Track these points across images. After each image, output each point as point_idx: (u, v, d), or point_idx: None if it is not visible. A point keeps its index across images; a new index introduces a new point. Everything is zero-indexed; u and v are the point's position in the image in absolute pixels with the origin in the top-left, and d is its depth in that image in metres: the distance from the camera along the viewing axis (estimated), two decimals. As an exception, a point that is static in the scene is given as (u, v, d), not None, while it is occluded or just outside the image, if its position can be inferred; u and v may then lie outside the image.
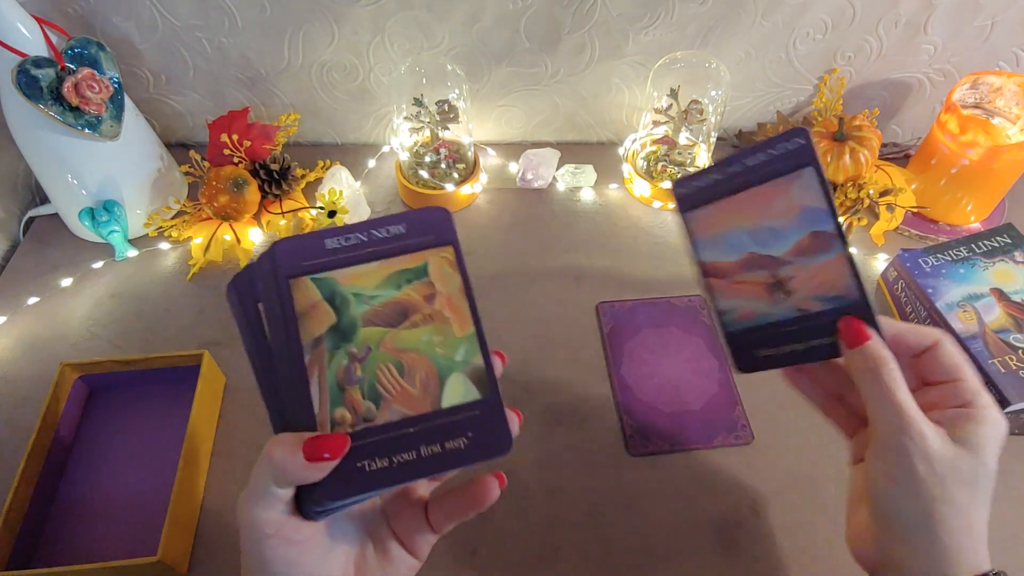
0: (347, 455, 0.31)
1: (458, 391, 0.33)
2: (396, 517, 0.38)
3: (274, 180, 0.71)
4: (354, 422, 0.32)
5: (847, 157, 0.70)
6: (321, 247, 0.34)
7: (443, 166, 0.75)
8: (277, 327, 0.34)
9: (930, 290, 0.61)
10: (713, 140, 0.75)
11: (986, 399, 0.38)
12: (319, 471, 0.30)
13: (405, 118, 0.72)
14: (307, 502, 0.32)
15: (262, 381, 0.36)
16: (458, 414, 0.33)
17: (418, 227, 0.35)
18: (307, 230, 0.72)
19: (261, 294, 0.35)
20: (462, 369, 0.34)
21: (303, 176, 0.76)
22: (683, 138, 0.76)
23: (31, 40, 0.58)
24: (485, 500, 0.35)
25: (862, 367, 0.37)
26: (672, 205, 0.76)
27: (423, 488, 0.39)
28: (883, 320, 0.38)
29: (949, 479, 0.36)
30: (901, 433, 0.36)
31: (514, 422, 0.33)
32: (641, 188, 0.77)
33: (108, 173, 0.67)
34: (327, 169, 0.77)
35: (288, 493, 0.31)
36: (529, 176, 0.78)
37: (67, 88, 0.59)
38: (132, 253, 0.70)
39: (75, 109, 0.61)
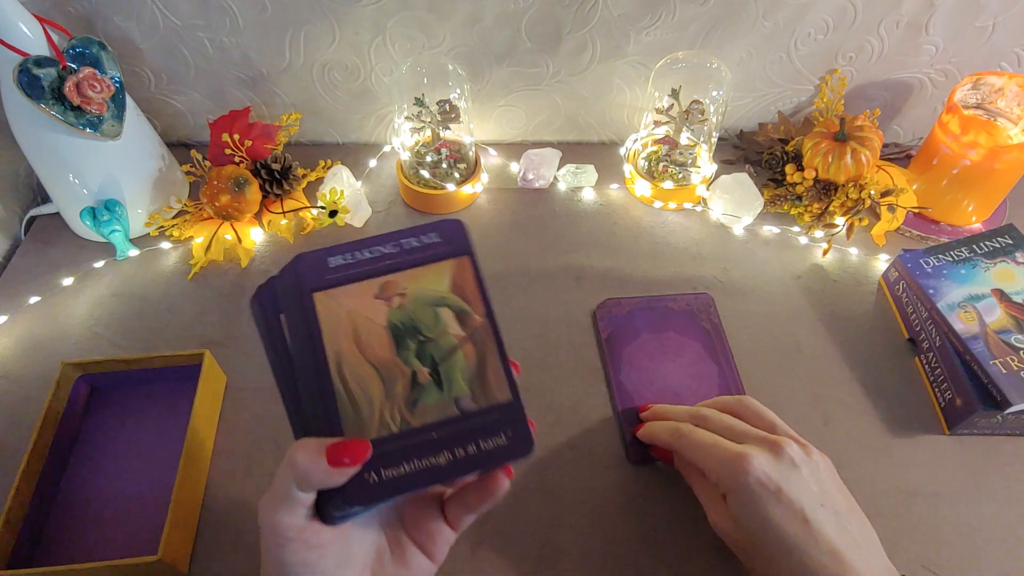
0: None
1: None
2: (413, 519, 0.38)
3: (275, 180, 0.71)
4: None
5: (848, 157, 0.69)
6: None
7: (444, 166, 0.75)
8: (301, 338, 0.34)
9: (931, 291, 0.61)
10: (714, 140, 0.75)
11: (715, 478, 0.46)
12: (341, 476, 0.31)
13: (406, 118, 0.72)
14: (328, 506, 0.32)
15: (284, 391, 0.36)
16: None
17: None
18: (308, 230, 0.72)
19: (283, 306, 0.36)
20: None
21: (304, 176, 0.76)
22: (684, 138, 0.76)
23: (32, 39, 0.58)
24: (498, 491, 0.36)
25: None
26: (672, 205, 0.76)
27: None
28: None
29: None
30: (743, 473, 0.43)
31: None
32: (642, 188, 0.77)
33: (109, 172, 0.67)
34: (328, 169, 0.77)
35: (310, 497, 0.32)
36: (530, 176, 0.78)
37: (68, 87, 0.60)
38: (133, 252, 0.70)
39: (76, 108, 0.61)
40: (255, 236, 0.72)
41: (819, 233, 0.73)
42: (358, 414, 0.33)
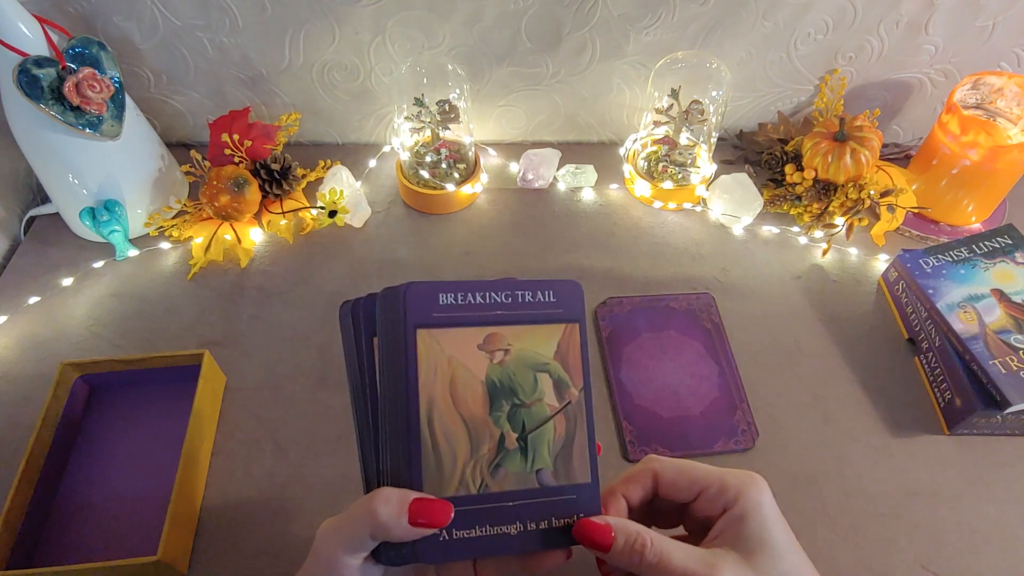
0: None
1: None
2: (445, 566, 0.37)
3: (275, 180, 0.71)
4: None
5: (848, 157, 0.70)
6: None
7: (444, 166, 0.75)
8: (394, 372, 0.33)
9: (931, 291, 0.61)
10: (714, 140, 0.75)
11: (730, 486, 0.35)
12: (418, 534, 0.31)
13: (406, 118, 0.72)
14: (391, 552, 0.32)
15: (359, 417, 0.35)
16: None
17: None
18: (308, 230, 0.72)
19: (380, 331, 0.34)
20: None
21: (304, 176, 0.76)
22: (684, 138, 0.76)
23: (32, 39, 0.58)
24: (549, 568, 0.34)
25: (625, 562, 0.33)
26: (672, 205, 0.76)
27: None
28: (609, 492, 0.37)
29: None
30: (760, 491, 0.34)
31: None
32: (642, 188, 0.77)
33: (109, 173, 0.67)
34: (328, 169, 0.77)
35: (376, 543, 0.32)
36: (530, 176, 0.78)
37: (68, 88, 0.59)
38: (133, 253, 0.70)
39: (76, 109, 0.61)
40: (255, 236, 0.72)
41: (819, 233, 0.73)
42: (440, 468, 0.32)
